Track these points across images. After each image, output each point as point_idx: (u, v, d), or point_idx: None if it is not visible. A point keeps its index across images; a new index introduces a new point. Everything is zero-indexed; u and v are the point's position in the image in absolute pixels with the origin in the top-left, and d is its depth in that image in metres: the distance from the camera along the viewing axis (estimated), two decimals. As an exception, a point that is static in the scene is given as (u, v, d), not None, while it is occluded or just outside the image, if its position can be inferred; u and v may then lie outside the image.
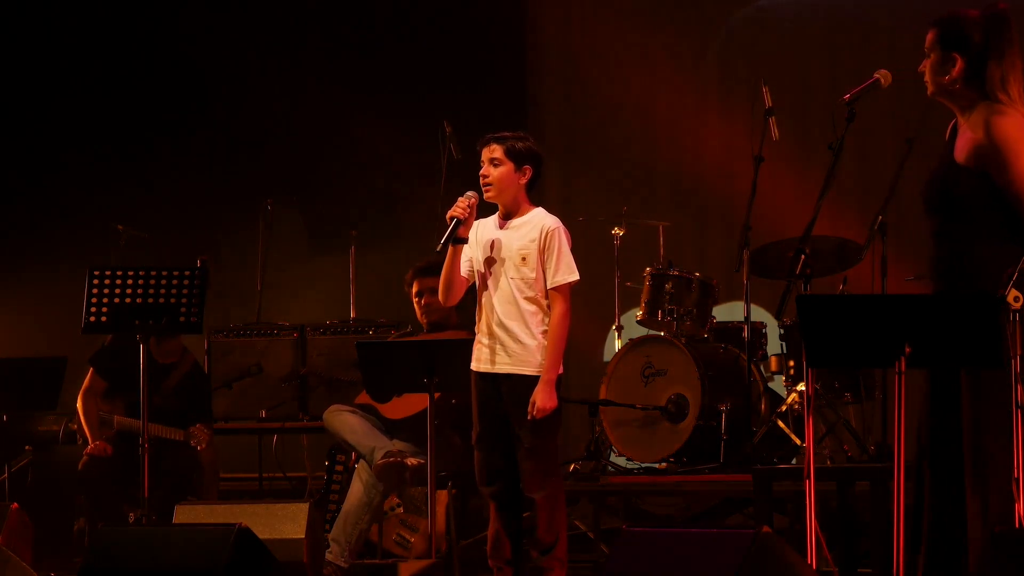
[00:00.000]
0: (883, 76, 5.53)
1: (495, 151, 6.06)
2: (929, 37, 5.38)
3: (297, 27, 11.15)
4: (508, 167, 6.05)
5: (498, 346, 6.02)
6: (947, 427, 5.27)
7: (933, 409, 5.34)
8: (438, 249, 6.05)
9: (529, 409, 5.92)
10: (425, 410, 6.71)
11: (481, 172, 6.07)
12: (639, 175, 10.87)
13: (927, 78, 5.39)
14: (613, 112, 10.96)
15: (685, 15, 10.96)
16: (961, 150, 5.31)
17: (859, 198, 9.52)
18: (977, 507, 5.18)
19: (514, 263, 6.03)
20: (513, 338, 6.00)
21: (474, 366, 6.10)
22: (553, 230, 6.04)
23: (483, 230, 6.12)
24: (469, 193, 6.06)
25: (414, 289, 7.73)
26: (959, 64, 5.31)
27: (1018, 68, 5.30)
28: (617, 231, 9.29)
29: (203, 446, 7.93)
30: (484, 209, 6.15)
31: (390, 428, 7.57)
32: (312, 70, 11.02)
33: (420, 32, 11.04)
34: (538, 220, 6.08)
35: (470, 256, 6.11)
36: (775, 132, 8.03)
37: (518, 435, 5.99)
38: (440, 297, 6.22)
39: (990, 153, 5.24)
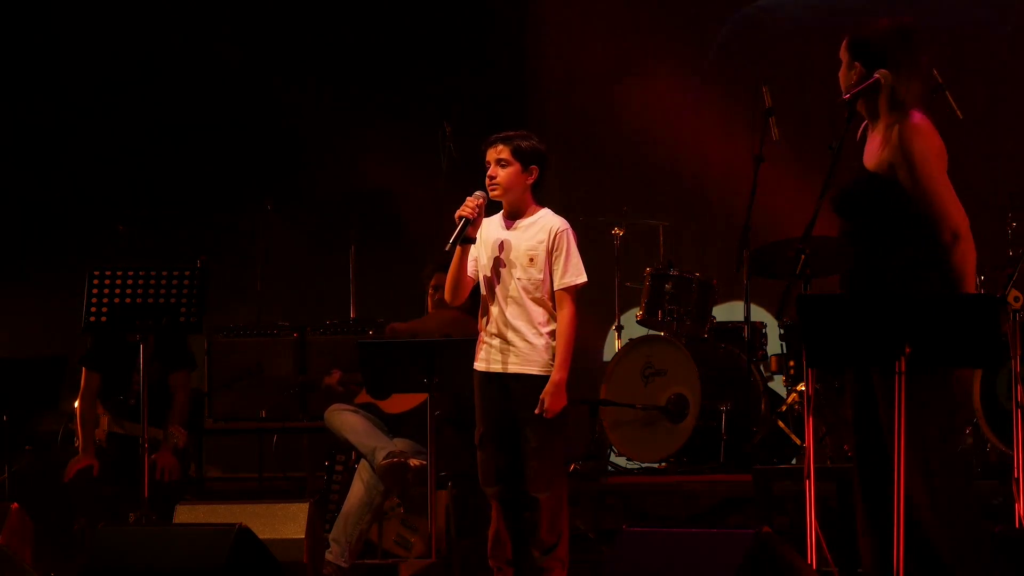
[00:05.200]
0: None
1: (502, 152, 6.06)
2: (842, 45, 5.55)
3: (297, 28, 11.15)
4: (515, 167, 6.05)
5: (506, 346, 6.02)
6: (872, 430, 5.35)
7: (859, 413, 5.42)
8: (447, 248, 6.05)
9: (538, 409, 5.93)
10: (425, 402, 6.72)
11: (488, 173, 6.06)
12: (639, 175, 10.87)
13: (843, 88, 5.54)
14: (613, 112, 10.96)
15: (685, 15, 10.96)
16: (870, 156, 5.40)
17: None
18: (925, 503, 5.23)
19: (521, 264, 6.03)
20: (521, 338, 6.01)
21: (479, 366, 6.10)
22: (561, 231, 6.05)
23: (489, 230, 6.11)
24: (478, 193, 6.06)
25: (432, 282, 7.78)
26: (858, 71, 5.46)
27: (915, 81, 5.43)
28: (617, 231, 9.29)
29: (182, 443, 7.92)
30: (487, 208, 6.15)
31: (391, 425, 7.58)
32: (312, 70, 11.03)
33: (420, 32, 11.04)
34: (546, 221, 6.08)
35: (475, 256, 6.12)
36: (775, 132, 8.03)
37: (525, 435, 6.00)
38: (447, 296, 6.22)
39: (898, 159, 5.34)
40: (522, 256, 6.04)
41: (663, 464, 8.31)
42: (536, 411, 5.94)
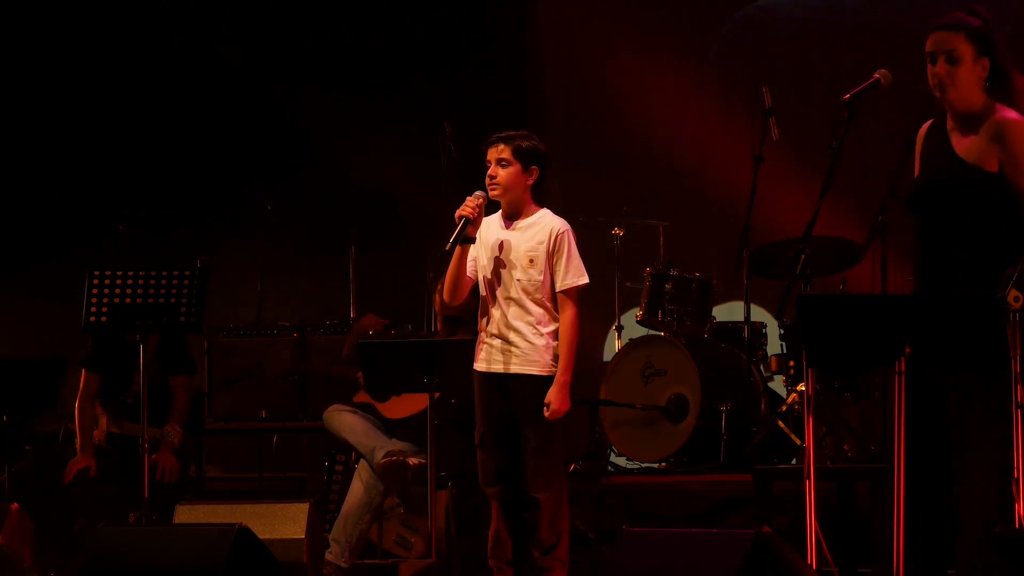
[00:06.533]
0: (883, 76, 5.54)
1: (503, 151, 6.06)
2: (960, 42, 5.37)
3: (297, 28, 11.15)
4: (516, 167, 6.05)
5: (507, 347, 6.02)
6: (934, 432, 5.31)
7: (917, 412, 5.38)
8: (447, 248, 6.05)
9: (547, 413, 5.93)
10: (424, 410, 6.72)
11: (488, 173, 6.06)
12: (639, 175, 10.86)
13: (956, 83, 5.37)
14: (613, 112, 10.95)
15: (685, 15, 10.96)
16: (970, 150, 5.34)
17: (859, 198, 9.50)
18: (971, 509, 5.21)
19: (521, 265, 6.03)
20: (522, 338, 6.01)
21: (479, 366, 6.10)
22: (562, 233, 6.05)
23: (488, 230, 6.11)
24: (478, 193, 6.06)
25: (438, 286, 7.79)
26: (985, 65, 5.37)
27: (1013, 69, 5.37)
28: (617, 231, 9.28)
29: (177, 442, 7.92)
30: (486, 207, 6.14)
31: (389, 427, 7.58)
32: (312, 70, 11.02)
33: (420, 32, 11.04)
34: (546, 222, 6.08)
35: (474, 256, 6.11)
36: (775, 132, 8.03)
37: (525, 435, 6.00)
38: (445, 296, 6.22)
39: (1002, 154, 5.29)
40: (522, 257, 6.04)
41: (663, 464, 8.30)
42: (547, 416, 5.94)
